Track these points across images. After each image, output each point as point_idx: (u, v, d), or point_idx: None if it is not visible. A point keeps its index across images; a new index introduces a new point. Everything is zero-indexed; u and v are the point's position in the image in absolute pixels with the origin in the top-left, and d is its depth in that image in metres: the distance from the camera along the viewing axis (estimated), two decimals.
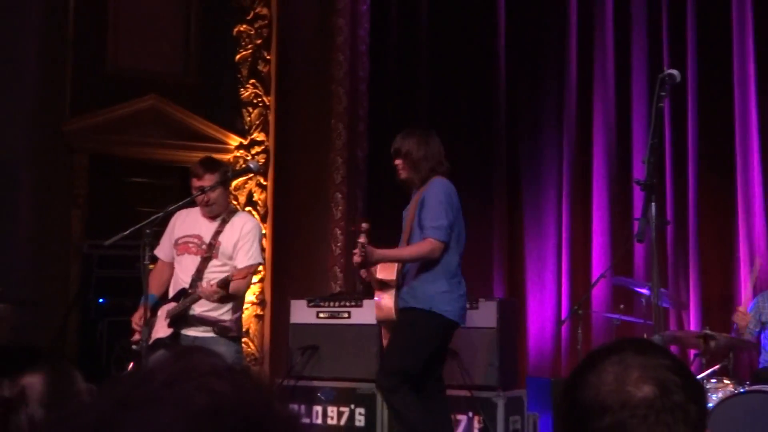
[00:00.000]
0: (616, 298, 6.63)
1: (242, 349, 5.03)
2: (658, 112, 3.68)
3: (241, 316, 4.91)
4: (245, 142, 8.00)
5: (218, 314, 4.64)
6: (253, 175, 7.73)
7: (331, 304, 5.96)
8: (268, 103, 8.10)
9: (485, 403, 5.33)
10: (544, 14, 7.58)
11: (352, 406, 5.66)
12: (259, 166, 6.99)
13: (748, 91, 6.61)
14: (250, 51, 8.06)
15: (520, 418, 5.46)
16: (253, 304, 7.78)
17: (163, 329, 4.65)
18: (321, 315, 5.93)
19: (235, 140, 7.99)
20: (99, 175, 7.59)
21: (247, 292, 5.62)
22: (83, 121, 7.50)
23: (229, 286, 4.46)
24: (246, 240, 4.66)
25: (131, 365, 4.66)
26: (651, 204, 3.55)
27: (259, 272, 7.49)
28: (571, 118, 7.35)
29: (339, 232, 7.80)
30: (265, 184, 8.04)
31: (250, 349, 7.71)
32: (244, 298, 4.93)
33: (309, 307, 5.99)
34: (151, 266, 4.64)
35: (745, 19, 6.65)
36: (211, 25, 8.09)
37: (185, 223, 4.78)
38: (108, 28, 7.72)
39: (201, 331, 4.66)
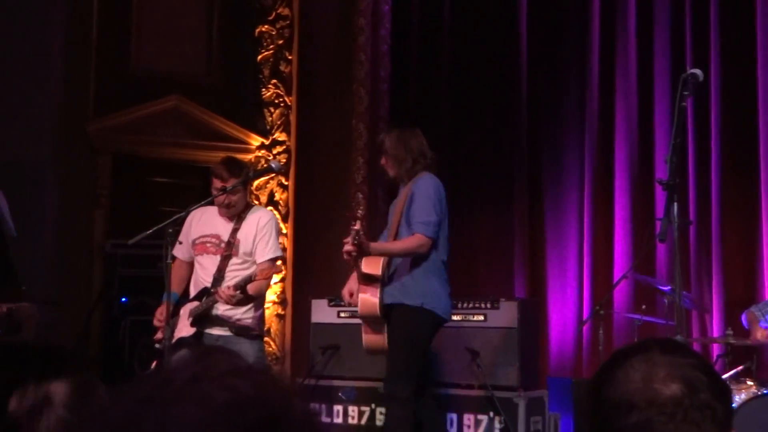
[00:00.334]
0: (637, 298, 6.60)
1: (264, 348, 5.05)
2: (681, 112, 3.66)
3: (263, 315, 4.92)
4: (267, 142, 8.03)
5: (240, 313, 4.66)
6: (275, 174, 7.75)
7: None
8: (290, 103, 8.12)
9: (506, 404, 5.32)
10: (566, 13, 7.55)
11: (373, 406, 5.66)
12: (280, 166, 7.03)
13: None
14: (272, 51, 8.09)
15: (541, 419, 5.45)
16: (274, 303, 7.81)
17: (186, 328, 4.67)
18: (342, 314, 5.94)
19: (256, 140, 8.01)
20: (122, 175, 7.64)
21: (268, 292, 5.63)
22: (106, 121, 7.55)
23: (249, 287, 4.48)
24: (263, 234, 4.68)
25: (154, 364, 4.68)
26: (673, 204, 3.54)
27: (281, 272, 7.51)
28: (593, 118, 7.32)
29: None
30: (286, 183, 8.07)
31: (271, 349, 7.74)
32: (265, 296, 4.94)
33: (330, 306, 5.99)
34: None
35: None
36: (233, 26, 8.13)
37: (201, 222, 4.80)
38: (131, 29, 7.78)
39: (224, 330, 4.68)
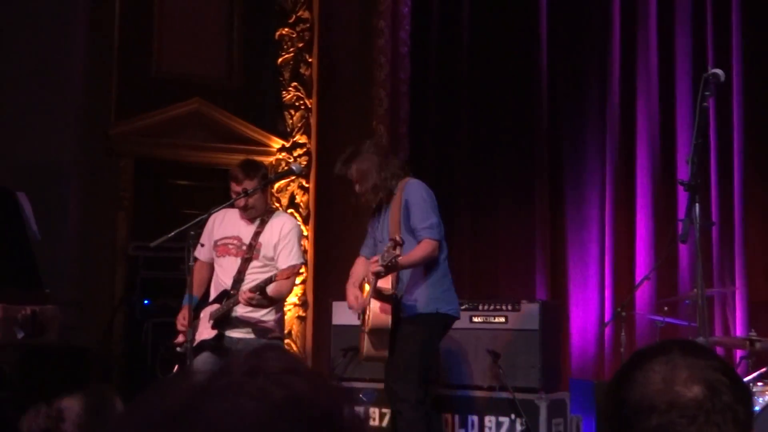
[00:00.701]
0: (660, 299, 6.56)
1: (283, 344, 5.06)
2: (703, 112, 3.64)
3: (283, 317, 4.93)
4: (287, 145, 8.06)
5: (260, 315, 4.67)
6: (296, 177, 7.77)
7: None
8: (310, 106, 8.14)
9: (527, 406, 5.30)
10: (587, 13, 7.52)
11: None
12: (301, 169, 7.02)
13: None
14: (292, 54, 8.11)
15: (563, 421, 5.43)
16: (295, 305, 7.82)
17: (207, 331, 4.69)
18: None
19: (277, 143, 8.04)
20: (144, 178, 7.69)
21: (290, 294, 5.63)
22: (128, 125, 7.60)
23: (269, 289, 4.49)
24: (286, 241, 4.68)
25: (176, 367, 4.70)
26: (695, 205, 3.52)
27: (301, 274, 7.53)
28: (614, 118, 7.29)
29: None
30: (307, 186, 8.09)
31: (292, 351, 7.76)
32: (285, 299, 4.94)
33: None
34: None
35: None
36: (253, 29, 8.16)
37: (223, 224, 4.81)
38: (153, 33, 7.83)
39: (244, 333, 4.69)
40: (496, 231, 7.65)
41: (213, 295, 4.79)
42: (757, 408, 4.41)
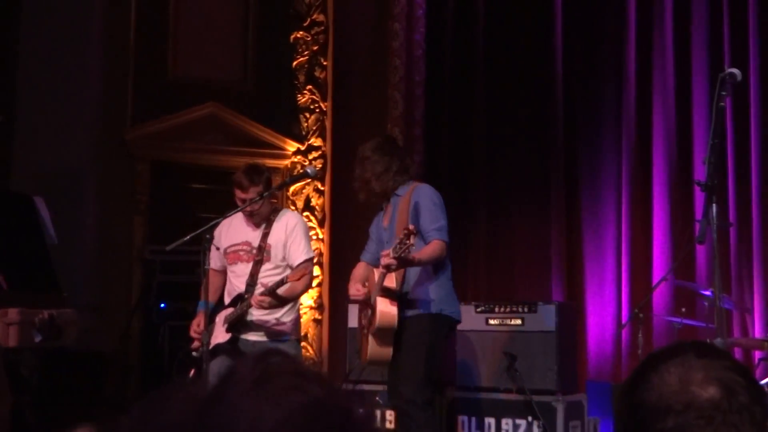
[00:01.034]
0: (677, 301, 6.53)
1: (301, 352, 5.06)
2: (719, 112, 3.62)
3: (299, 319, 4.93)
4: (302, 148, 8.07)
5: (275, 318, 4.68)
6: (311, 180, 7.78)
7: None
8: (325, 109, 8.15)
9: (544, 408, 5.29)
10: (602, 13, 7.50)
11: None
12: (316, 172, 7.02)
13: None
14: (307, 57, 8.13)
15: (581, 423, 5.41)
16: (311, 308, 7.83)
17: (222, 334, 4.70)
18: None
19: (292, 146, 8.06)
20: (160, 182, 7.72)
21: (306, 296, 5.63)
22: (144, 128, 7.64)
23: (281, 290, 4.49)
24: (294, 236, 4.69)
25: (192, 372, 4.71)
26: (712, 205, 3.50)
27: (316, 277, 7.53)
28: (630, 118, 7.26)
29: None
30: (322, 189, 8.10)
31: (308, 353, 7.76)
32: (299, 301, 4.94)
33: None
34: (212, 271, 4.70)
35: None
36: (268, 33, 8.18)
37: (230, 232, 4.80)
38: (168, 37, 7.86)
39: (259, 336, 4.70)
40: (512, 232, 7.63)
41: (227, 300, 4.80)
42: None
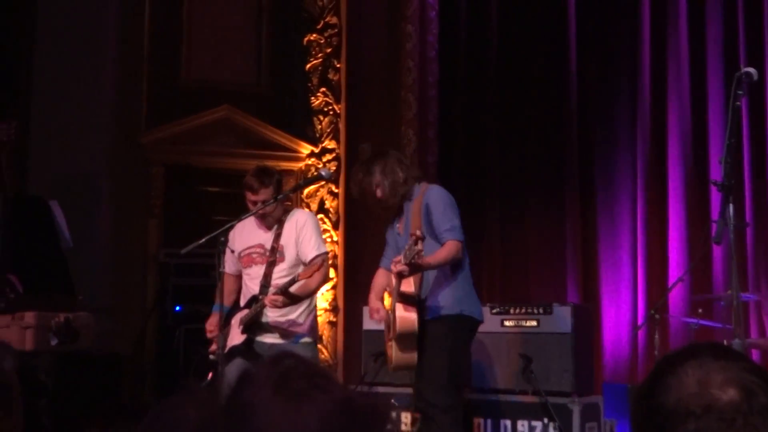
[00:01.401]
0: (694, 302, 6.49)
1: (318, 354, 5.05)
2: (735, 111, 3.60)
3: (315, 320, 4.92)
4: (316, 150, 8.07)
5: (292, 318, 4.67)
6: (325, 182, 7.78)
7: None
8: (339, 111, 8.15)
9: (560, 410, 5.26)
10: (616, 12, 7.47)
11: None
12: (330, 174, 7.04)
13: None
14: (321, 60, 8.13)
15: (597, 425, 5.38)
16: (326, 310, 7.83)
17: (238, 337, 4.70)
18: None
19: (306, 148, 8.06)
20: (175, 185, 7.74)
21: (320, 299, 5.62)
22: (159, 132, 7.66)
23: (294, 288, 4.48)
24: (304, 233, 4.67)
25: (209, 375, 4.71)
26: (729, 205, 3.48)
27: (331, 279, 7.53)
28: (645, 118, 7.23)
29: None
30: (336, 191, 8.09)
31: (323, 356, 7.76)
32: (314, 301, 4.93)
33: None
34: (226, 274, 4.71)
35: None
36: (281, 36, 8.19)
37: (243, 235, 4.80)
38: (182, 41, 7.88)
39: (276, 338, 4.69)
40: (527, 233, 7.61)
41: (243, 303, 4.80)
42: None
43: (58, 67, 7.08)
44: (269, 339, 4.68)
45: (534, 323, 5.51)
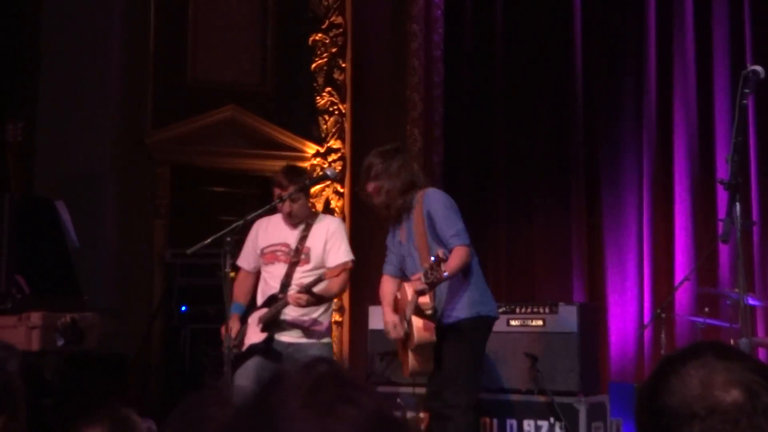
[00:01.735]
0: (700, 301, 6.47)
1: (333, 352, 5.07)
2: (742, 110, 3.59)
3: (331, 319, 4.96)
4: (322, 150, 8.07)
5: (314, 317, 4.69)
6: (330, 182, 7.78)
7: None
8: (344, 111, 8.15)
9: (566, 409, 5.25)
10: (622, 11, 7.45)
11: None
12: (335, 174, 7.03)
13: None
14: (326, 59, 8.13)
15: (603, 424, 5.37)
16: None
17: (256, 335, 4.70)
18: None
19: (311, 148, 8.06)
20: (180, 185, 7.75)
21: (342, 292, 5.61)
22: (164, 132, 7.67)
23: (317, 288, 4.50)
24: (334, 240, 4.73)
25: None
26: (735, 204, 3.47)
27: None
28: (650, 117, 7.21)
29: None
30: (342, 191, 8.09)
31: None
32: (332, 304, 4.95)
33: None
34: (232, 274, 4.70)
35: None
36: (287, 36, 8.20)
37: (268, 232, 4.83)
38: (187, 41, 7.89)
39: (295, 337, 4.70)
40: (533, 233, 7.60)
41: (260, 301, 4.80)
42: None
43: (64, 67, 7.09)
44: (288, 338, 4.69)
45: (540, 322, 5.50)
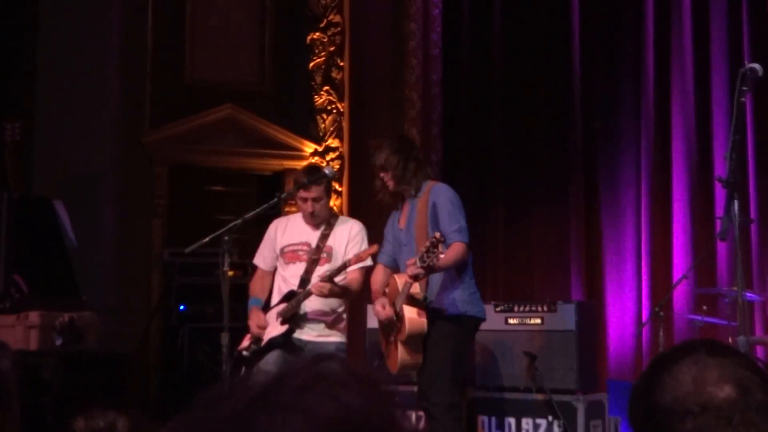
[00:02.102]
0: (698, 298, 6.48)
1: (346, 348, 5.09)
2: (740, 108, 3.59)
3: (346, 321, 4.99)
4: (320, 149, 8.07)
5: (335, 307, 4.72)
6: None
7: None
8: (342, 110, 8.15)
9: (565, 407, 5.26)
10: (620, 11, 7.45)
11: None
12: (334, 172, 7.01)
13: None
14: (324, 58, 8.13)
15: (601, 422, 5.37)
16: None
17: (276, 329, 4.71)
18: None
19: (309, 147, 8.06)
20: (179, 185, 7.74)
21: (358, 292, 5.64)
22: (163, 131, 7.67)
23: (339, 277, 4.52)
24: (356, 241, 4.77)
25: (243, 371, 4.72)
26: (733, 202, 3.48)
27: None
28: (648, 115, 7.21)
29: None
30: (340, 190, 8.09)
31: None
32: (351, 298, 4.97)
33: None
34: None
35: None
36: (285, 34, 8.19)
37: (287, 232, 4.85)
38: (185, 40, 7.89)
39: (312, 336, 4.71)
40: (531, 231, 7.60)
41: (276, 299, 4.81)
42: None
43: (62, 67, 7.08)
44: (306, 336, 4.70)
45: (538, 321, 5.50)
